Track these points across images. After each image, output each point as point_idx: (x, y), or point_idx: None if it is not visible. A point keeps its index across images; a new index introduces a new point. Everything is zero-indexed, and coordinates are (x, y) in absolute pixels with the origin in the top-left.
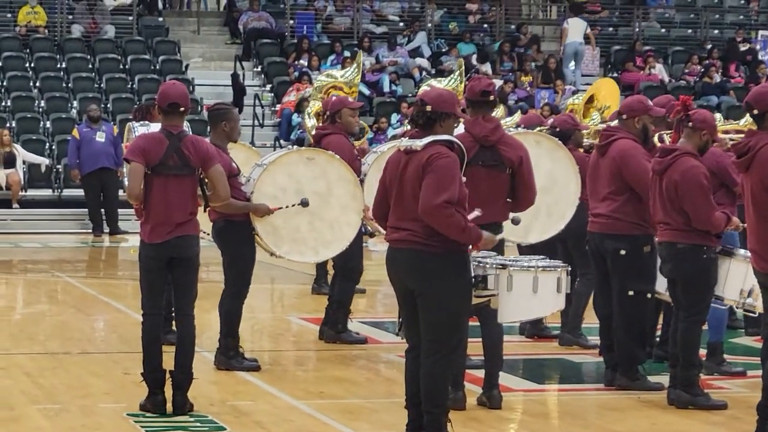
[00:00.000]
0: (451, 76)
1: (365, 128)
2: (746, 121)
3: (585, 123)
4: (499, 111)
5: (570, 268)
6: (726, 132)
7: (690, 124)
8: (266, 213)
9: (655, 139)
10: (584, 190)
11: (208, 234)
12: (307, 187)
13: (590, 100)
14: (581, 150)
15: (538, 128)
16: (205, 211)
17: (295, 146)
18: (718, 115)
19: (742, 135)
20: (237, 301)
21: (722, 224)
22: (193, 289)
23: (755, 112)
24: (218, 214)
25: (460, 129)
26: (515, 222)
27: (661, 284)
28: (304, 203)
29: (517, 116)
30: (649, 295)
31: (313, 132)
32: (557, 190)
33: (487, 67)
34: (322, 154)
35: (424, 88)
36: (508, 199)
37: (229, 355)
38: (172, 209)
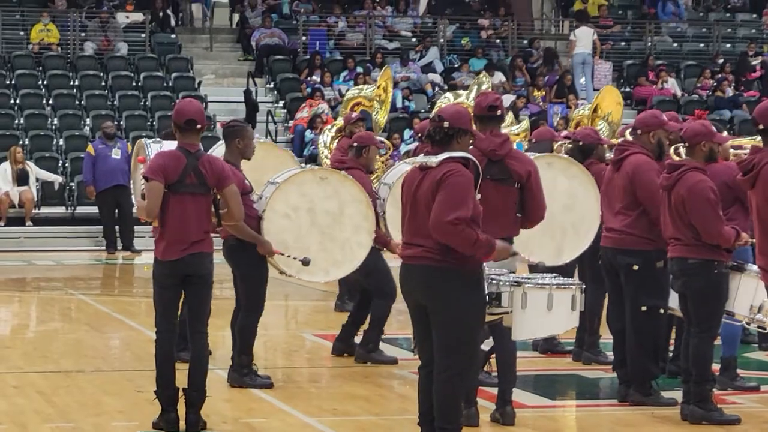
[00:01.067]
0: (475, 88)
1: (389, 146)
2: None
3: None
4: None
5: (584, 286)
6: (740, 147)
7: (686, 144)
8: (268, 253)
9: (672, 152)
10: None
11: None
12: (319, 206)
13: (595, 110)
14: (604, 164)
15: (558, 143)
16: (218, 226)
17: (308, 165)
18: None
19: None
20: (252, 318)
21: (732, 238)
22: (207, 307)
23: (761, 126)
24: (229, 232)
25: None
26: (541, 267)
27: (674, 300)
28: (305, 262)
29: (526, 123)
30: (662, 311)
31: (329, 156)
32: (579, 205)
33: (499, 77)
34: (335, 173)
35: (441, 100)
36: (518, 215)
37: (243, 373)
38: (188, 227)
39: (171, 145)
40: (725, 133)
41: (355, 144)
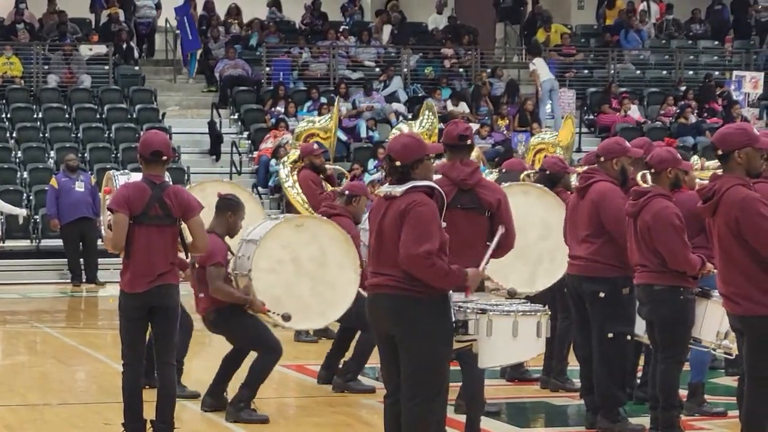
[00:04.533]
0: (423, 117)
1: (344, 174)
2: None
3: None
4: (474, 154)
5: (550, 313)
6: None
7: (652, 170)
8: (260, 310)
9: (639, 178)
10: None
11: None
12: (302, 253)
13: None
14: (570, 192)
15: (526, 172)
16: (186, 257)
17: (281, 216)
18: (695, 158)
19: None
20: (270, 357)
21: (697, 265)
22: (174, 338)
23: (719, 152)
24: (206, 305)
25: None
26: (512, 294)
27: (640, 327)
28: (285, 318)
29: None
30: (628, 337)
31: (292, 186)
32: (554, 234)
33: (463, 107)
34: (309, 218)
35: (393, 132)
36: (487, 243)
37: (239, 407)
38: (154, 258)
39: (138, 177)
40: (695, 158)
41: (347, 192)
